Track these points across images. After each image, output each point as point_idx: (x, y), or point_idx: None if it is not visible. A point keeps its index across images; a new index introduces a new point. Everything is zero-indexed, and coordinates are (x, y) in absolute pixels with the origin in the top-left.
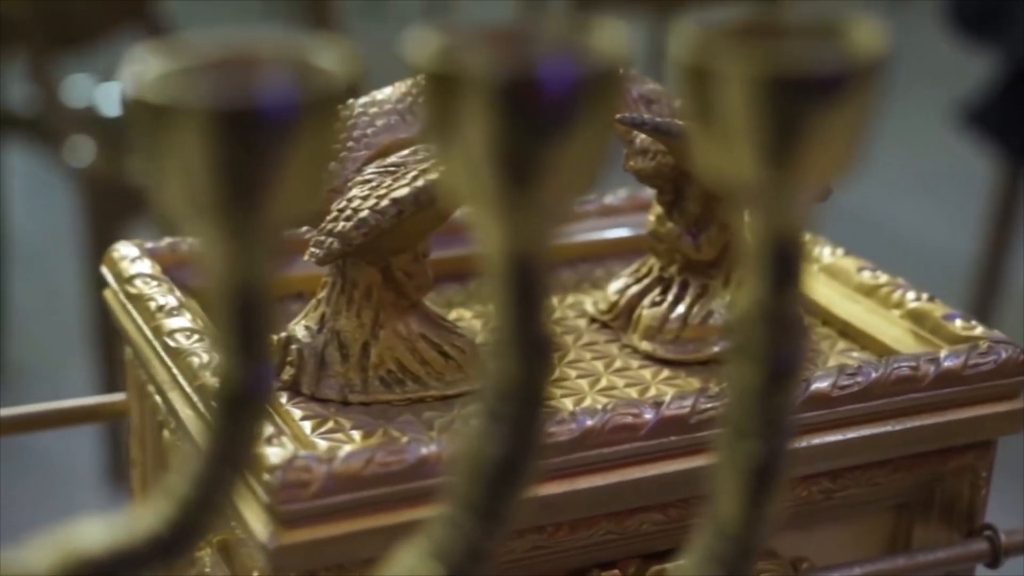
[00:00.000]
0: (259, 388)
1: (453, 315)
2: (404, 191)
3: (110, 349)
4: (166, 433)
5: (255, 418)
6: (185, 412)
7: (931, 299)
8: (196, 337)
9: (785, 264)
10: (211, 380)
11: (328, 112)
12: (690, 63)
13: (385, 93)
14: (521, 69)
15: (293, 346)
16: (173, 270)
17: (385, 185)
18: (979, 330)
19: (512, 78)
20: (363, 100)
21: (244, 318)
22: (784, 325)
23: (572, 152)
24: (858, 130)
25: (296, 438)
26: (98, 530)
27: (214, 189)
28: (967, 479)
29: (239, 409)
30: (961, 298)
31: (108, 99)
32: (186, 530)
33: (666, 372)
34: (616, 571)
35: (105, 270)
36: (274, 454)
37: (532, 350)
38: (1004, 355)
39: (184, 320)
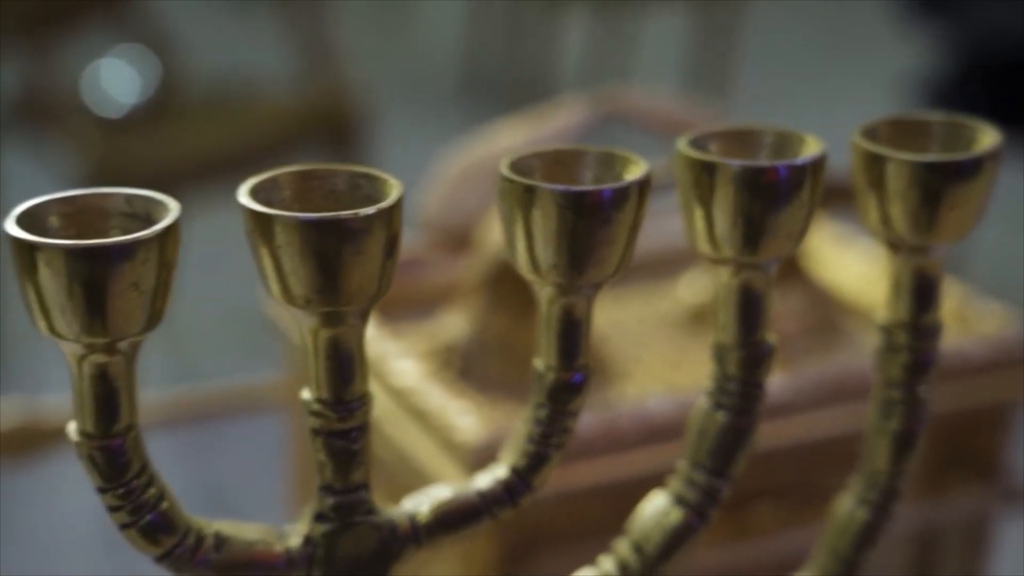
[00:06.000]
0: (579, 381)
1: None
2: None
3: None
4: None
5: (576, 402)
6: None
7: (963, 291)
8: None
9: (925, 292)
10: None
11: (643, 196)
12: (865, 150)
13: (500, 139)
14: (758, 162)
15: (457, 344)
16: None
17: None
18: (1004, 316)
19: (754, 169)
20: (479, 143)
21: (568, 336)
22: (923, 333)
23: (789, 220)
24: (979, 203)
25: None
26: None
27: (557, 254)
28: (995, 434)
29: (565, 396)
30: None
31: (103, 77)
32: (529, 479)
33: None
34: None
35: None
36: (471, 429)
37: (753, 353)
38: None
39: None
